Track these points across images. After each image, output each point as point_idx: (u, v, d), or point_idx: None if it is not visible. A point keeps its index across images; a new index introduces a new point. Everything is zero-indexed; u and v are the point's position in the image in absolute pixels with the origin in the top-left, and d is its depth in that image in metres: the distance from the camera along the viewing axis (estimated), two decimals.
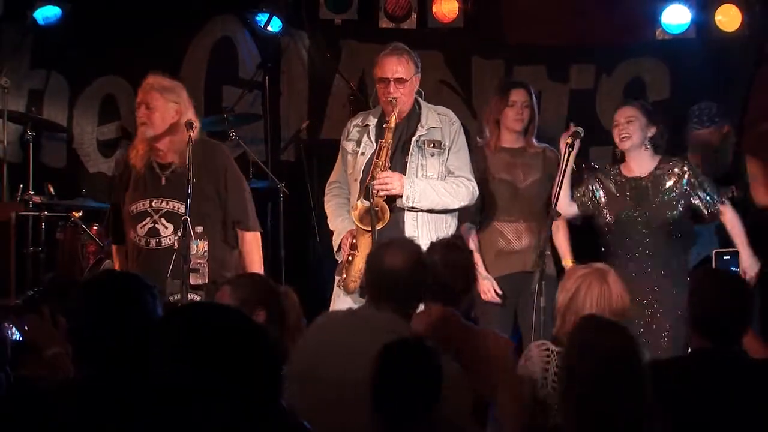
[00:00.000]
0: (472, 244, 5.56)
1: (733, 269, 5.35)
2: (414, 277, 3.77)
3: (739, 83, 7.07)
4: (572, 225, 5.76)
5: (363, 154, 5.39)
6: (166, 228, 5.21)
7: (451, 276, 4.05)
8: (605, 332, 3.02)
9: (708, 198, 5.48)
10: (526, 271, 5.57)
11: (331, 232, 5.53)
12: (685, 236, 5.54)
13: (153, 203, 5.27)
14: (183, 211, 5.01)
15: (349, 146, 5.49)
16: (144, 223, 5.25)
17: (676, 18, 7.33)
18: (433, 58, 7.71)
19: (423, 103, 5.50)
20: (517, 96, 5.79)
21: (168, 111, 5.23)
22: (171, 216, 5.20)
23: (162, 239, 5.23)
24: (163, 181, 5.26)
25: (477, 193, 5.46)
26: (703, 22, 7.32)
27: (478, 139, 5.91)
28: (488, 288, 5.62)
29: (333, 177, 5.63)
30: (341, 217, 5.46)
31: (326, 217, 5.60)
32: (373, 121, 5.45)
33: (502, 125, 5.80)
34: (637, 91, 7.42)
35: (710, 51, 7.33)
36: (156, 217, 5.25)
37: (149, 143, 5.27)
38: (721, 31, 7.28)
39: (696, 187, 5.47)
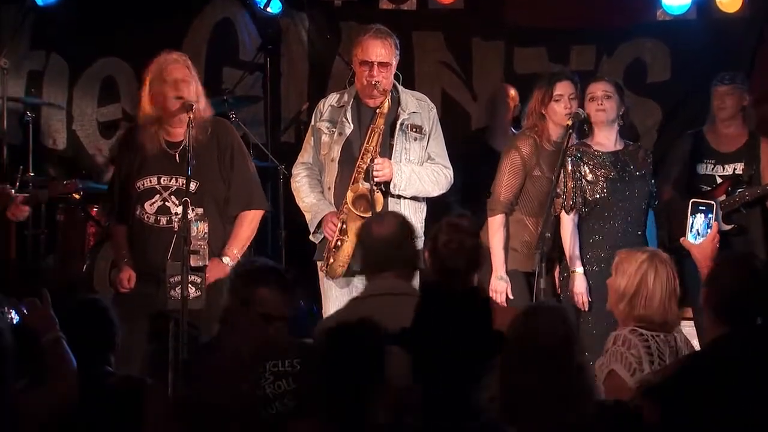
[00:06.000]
0: (501, 239, 5.44)
1: (709, 217, 5.36)
2: (402, 240, 3.94)
3: (740, 64, 7.05)
4: None
5: (341, 134, 5.38)
6: (177, 206, 5.10)
7: (455, 257, 4.06)
8: None
9: (654, 186, 5.52)
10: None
11: (300, 211, 5.49)
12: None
13: (162, 180, 5.22)
14: (192, 188, 5.00)
15: (324, 126, 5.46)
16: (153, 200, 5.21)
17: None
18: (433, 40, 7.69)
19: (400, 87, 5.49)
20: (563, 89, 5.52)
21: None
22: (181, 194, 5.07)
23: (173, 217, 5.14)
24: (177, 159, 5.17)
25: (452, 180, 5.46)
26: (704, 3, 7.30)
27: (512, 131, 5.64)
28: (501, 290, 5.41)
29: (302, 158, 5.57)
30: (315, 194, 5.43)
31: None
32: (349, 101, 5.42)
33: (548, 119, 5.54)
34: (638, 72, 7.42)
35: (711, 32, 7.32)
36: (165, 194, 5.21)
37: (160, 122, 5.19)
38: (722, 12, 7.26)
39: (651, 172, 5.52)
